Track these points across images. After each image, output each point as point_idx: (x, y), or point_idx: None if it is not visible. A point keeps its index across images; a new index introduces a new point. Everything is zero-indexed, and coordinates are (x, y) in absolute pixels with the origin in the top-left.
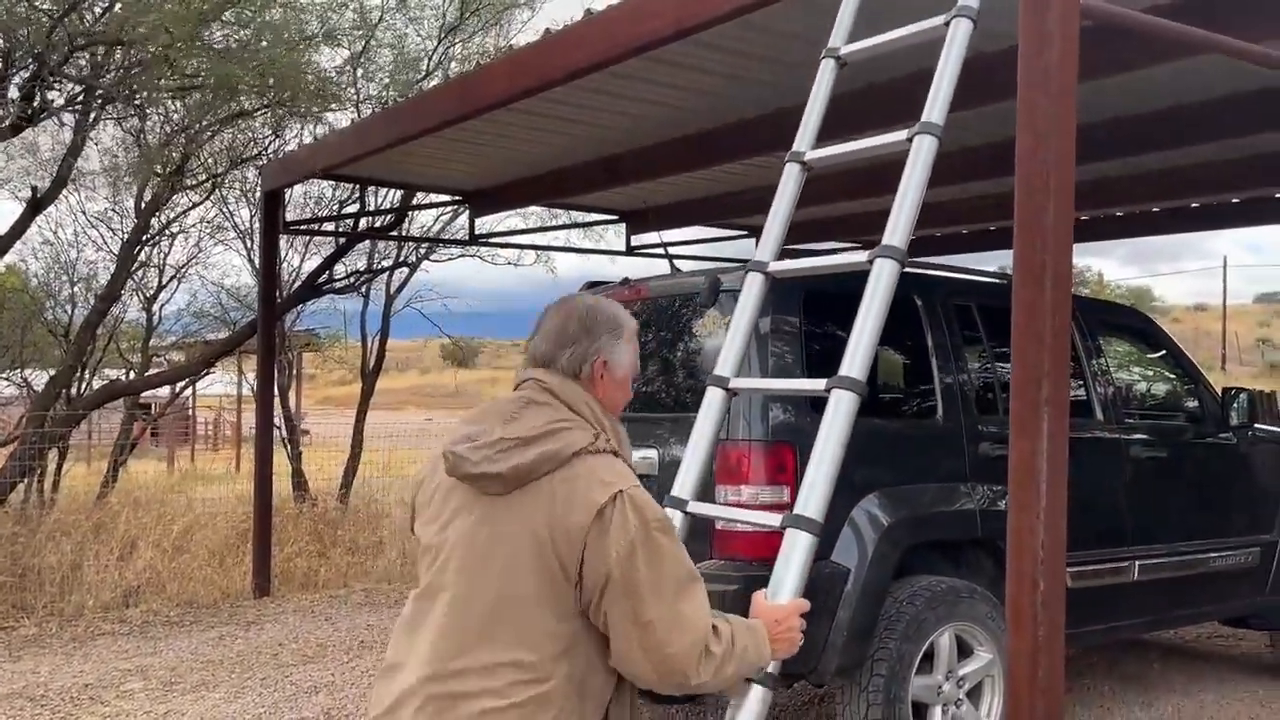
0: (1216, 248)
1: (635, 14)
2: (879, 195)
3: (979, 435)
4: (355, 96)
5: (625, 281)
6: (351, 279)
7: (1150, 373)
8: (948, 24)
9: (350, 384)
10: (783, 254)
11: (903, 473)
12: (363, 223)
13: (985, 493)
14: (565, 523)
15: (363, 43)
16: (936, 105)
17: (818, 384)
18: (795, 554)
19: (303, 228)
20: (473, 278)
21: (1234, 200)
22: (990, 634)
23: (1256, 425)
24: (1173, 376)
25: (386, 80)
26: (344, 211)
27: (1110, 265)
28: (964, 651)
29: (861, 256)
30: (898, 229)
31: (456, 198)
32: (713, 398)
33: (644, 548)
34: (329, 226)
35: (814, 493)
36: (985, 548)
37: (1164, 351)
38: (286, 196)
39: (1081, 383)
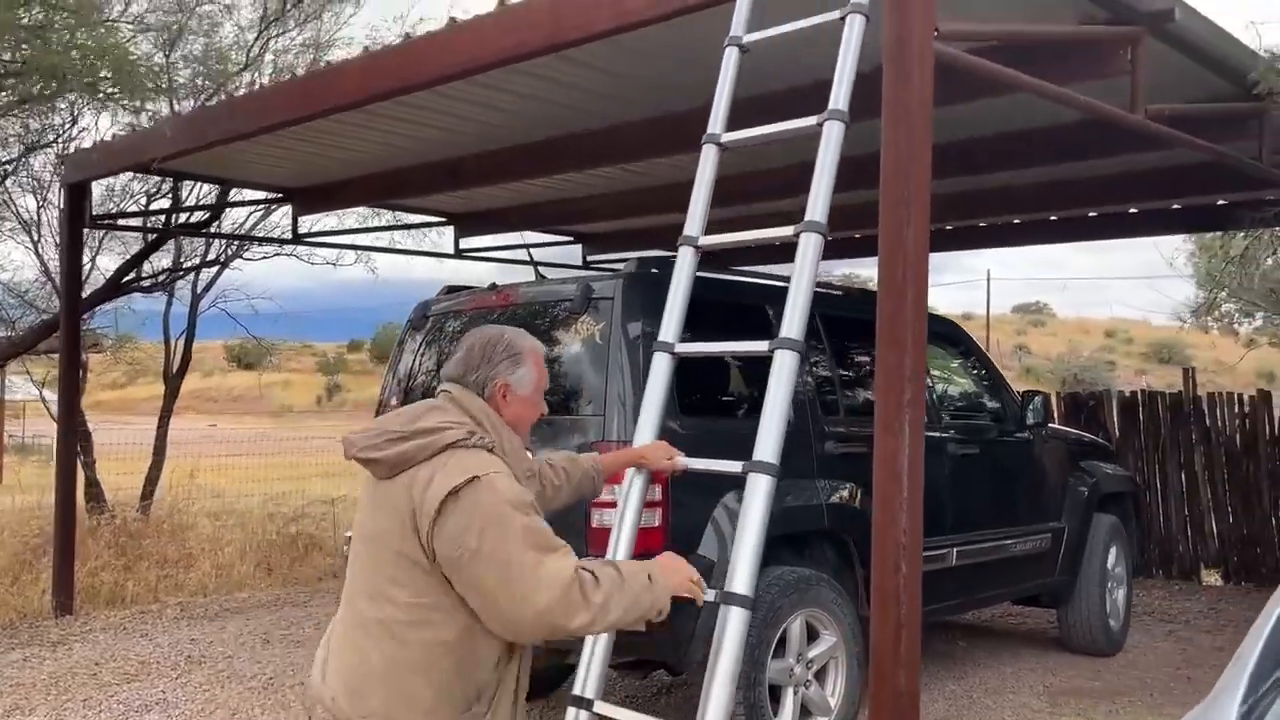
0: (975, 264)
1: (507, 25)
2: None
3: (824, 435)
4: (169, 85)
5: (493, 287)
6: (161, 277)
7: (962, 377)
8: (843, 19)
9: (122, 387)
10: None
11: None
12: (180, 218)
13: (830, 488)
14: (423, 504)
15: (176, 28)
16: (841, 92)
17: (760, 346)
18: (756, 496)
19: (113, 222)
20: (276, 277)
21: (1051, 218)
22: (835, 618)
23: (1048, 425)
24: (983, 381)
25: (202, 70)
26: (152, 205)
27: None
28: (811, 636)
29: (787, 231)
30: (818, 205)
31: (277, 194)
32: (660, 363)
33: (495, 525)
34: (137, 222)
35: (768, 439)
36: (829, 539)
37: (973, 357)
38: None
39: None
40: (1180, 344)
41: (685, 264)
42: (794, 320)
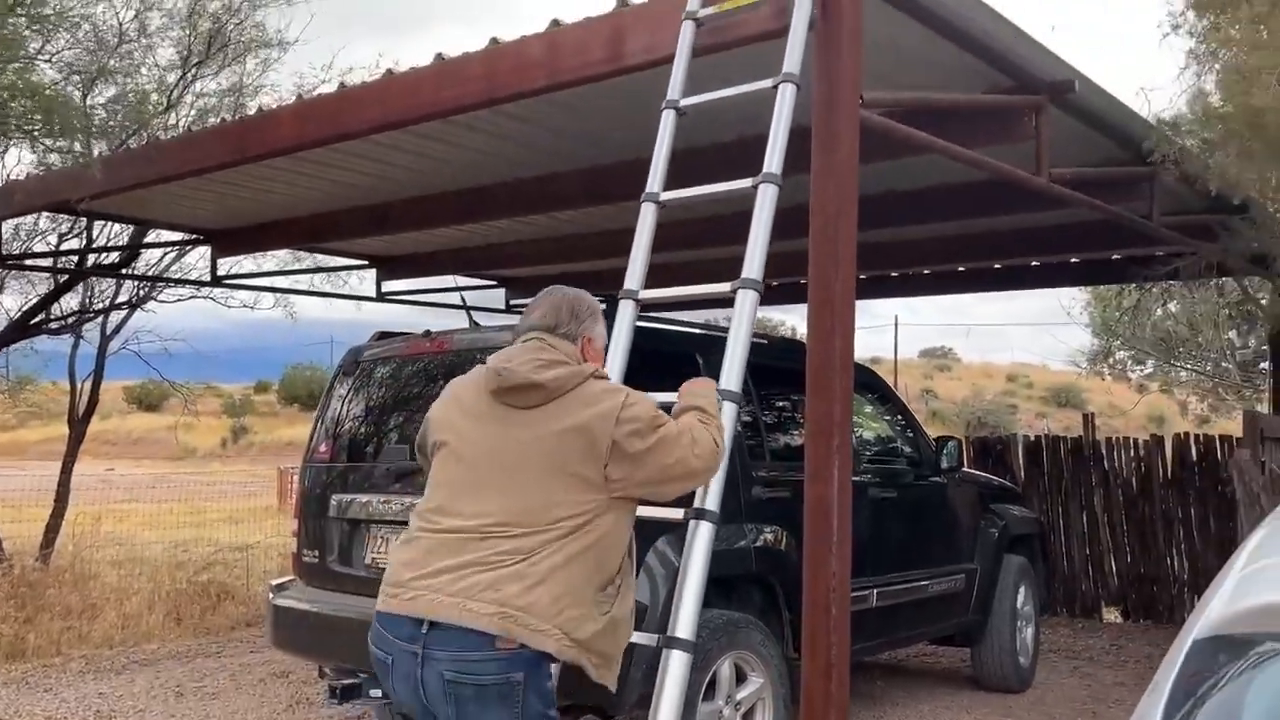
0: (883, 310)
1: (444, 79)
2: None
3: (751, 480)
4: (87, 125)
5: (427, 334)
6: (71, 319)
7: (880, 424)
8: (776, 87)
9: (12, 430)
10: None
11: None
12: (90, 258)
13: (757, 532)
14: (598, 421)
15: (96, 68)
16: (775, 157)
17: None
18: (699, 542)
19: (24, 262)
20: (184, 318)
21: (959, 269)
22: (762, 660)
23: (961, 469)
24: (899, 426)
25: (123, 110)
26: (64, 245)
27: (800, 320)
28: (740, 678)
29: (725, 287)
30: (754, 263)
31: (196, 236)
32: None
33: (655, 423)
34: (49, 262)
35: (710, 487)
36: (755, 581)
37: (890, 404)
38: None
39: None
40: (1077, 388)
41: (626, 317)
42: (732, 373)
